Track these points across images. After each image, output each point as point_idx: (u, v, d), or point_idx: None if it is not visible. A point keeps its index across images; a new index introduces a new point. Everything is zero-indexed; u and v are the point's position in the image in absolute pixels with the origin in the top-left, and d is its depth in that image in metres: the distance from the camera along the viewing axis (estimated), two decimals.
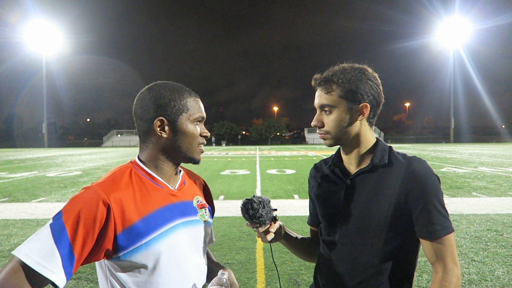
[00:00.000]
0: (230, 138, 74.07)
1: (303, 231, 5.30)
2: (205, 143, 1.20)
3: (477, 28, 69.81)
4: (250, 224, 1.25)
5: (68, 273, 0.92)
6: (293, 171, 14.00)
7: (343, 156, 1.31)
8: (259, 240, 4.89)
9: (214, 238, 1.35)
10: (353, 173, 1.27)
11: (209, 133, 1.21)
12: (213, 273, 1.25)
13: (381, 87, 1.25)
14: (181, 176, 1.23)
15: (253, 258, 4.26)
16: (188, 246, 1.14)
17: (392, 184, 1.19)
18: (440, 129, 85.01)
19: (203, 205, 1.24)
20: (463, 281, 3.55)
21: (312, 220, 1.47)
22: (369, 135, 1.27)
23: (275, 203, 1.26)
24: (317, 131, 1.29)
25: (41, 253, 0.90)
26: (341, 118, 1.22)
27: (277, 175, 12.79)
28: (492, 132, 72.24)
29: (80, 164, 19.18)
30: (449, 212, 1.17)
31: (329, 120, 1.24)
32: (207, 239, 1.25)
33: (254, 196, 1.25)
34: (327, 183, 1.34)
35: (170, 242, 1.07)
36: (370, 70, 1.24)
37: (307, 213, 1.53)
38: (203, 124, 1.21)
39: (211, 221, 1.29)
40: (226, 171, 14.36)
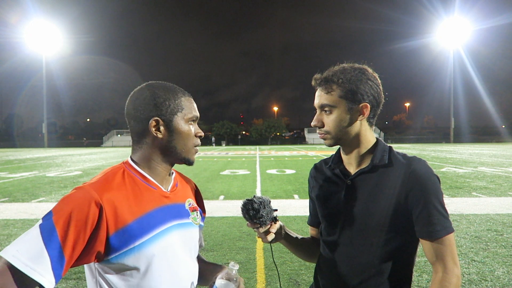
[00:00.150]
0: (230, 138, 74.07)
1: (303, 231, 5.30)
2: (199, 143, 1.18)
3: (477, 28, 69.89)
4: (251, 225, 1.24)
5: (57, 276, 0.89)
6: (293, 171, 14.00)
7: (343, 156, 1.32)
8: (259, 240, 4.89)
9: (203, 243, 1.32)
10: (353, 174, 1.27)
11: (203, 133, 1.20)
12: (207, 273, 1.24)
13: (381, 87, 1.25)
14: (173, 178, 1.21)
15: (253, 258, 4.26)
16: (181, 249, 1.12)
17: (392, 184, 1.19)
18: (440, 129, 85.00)
19: (194, 208, 1.23)
20: (463, 281, 3.55)
21: (312, 221, 1.48)
22: (369, 135, 1.27)
23: (275, 203, 1.26)
24: (317, 131, 1.29)
25: (29, 255, 0.87)
26: (341, 118, 1.22)
27: (277, 175, 12.79)
28: (492, 132, 72.22)
29: (80, 164, 19.18)
30: (449, 212, 1.18)
31: (329, 120, 1.24)
32: (198, 242, 1.24)
33: (254, 197, 1.25)
34: (327, 184, 1.33)
35: (163, 245, 1.05)
36: (370, 70, 1.24)
37: (307, 213, 1.53)
38: (197, 124, 1.19)
39: (202, 225, 1.27)
40: (226, 171, 14.36)
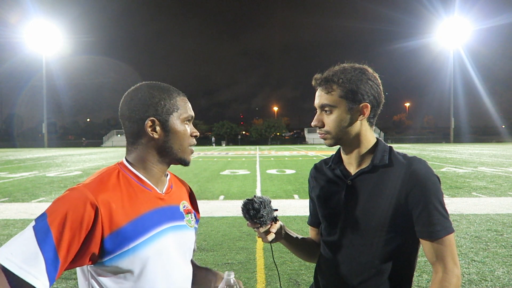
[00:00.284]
0: (230, 138, 74.08)
1: (303, 231, 5.30)
2: (195, 143, 1.18)
3: (477, 28, 69.92)
4: (251, 225, 1.24)
5: (52, 278, 0.88)
6: (293, 171, 14.00)
7: (343, 156, 1.31)
8: (259, 240, 4.89)
9: (196, 246, 1.31)
10: (353, 174, 1.27)
11: (198, 133, 1.19)
12: (199, 278, 1.23)
13: (381, 87, 1.25)
14: (168, 180, 1.20)
15: (253, 258, 4.26)
16: (175, 251, 1.10)
17: (393, 184, 1.19)
18: (440, 129, 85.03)
19: (189, 211, 1.21)
20: (463, 281, 3.55)
21: (312, 221, 1.47)
22: (370, 135, 1.27)
23: (275, 203, 1.26)
24: (317, 131, 1.29)
25: (23, 257, 0.85)
26: (341, 118, 1.22)
27: (277, 175, 12.79)
28: (492, 132, 72.24)
29: (80, 164, 19.19)
30: (449, 212, 1.18)
31: (330, 120, 1.23)
32: (193, 245, 1.22)
33: (255, 196, 1.24)
34: (327, 184, 1.33)
35: (157, 247, 1.04)
36: (370, 70, 1.24)
37: (307, 213, 1.53)
38: (192, 124, 1.18)
39: (197, 227, 1.26)
40: (226, 171, 14.36)
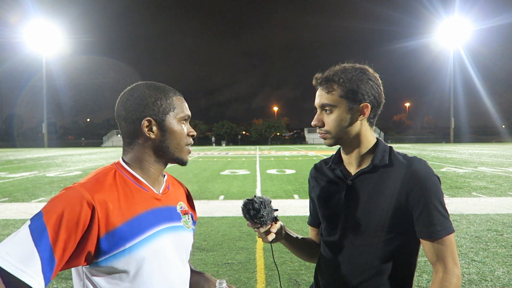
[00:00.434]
0: (230, 138, 74.08)
1: (303, 231, 5.30)
2: (192, 142, 1.17)
3: (477, 28, 69.93)
4: (251, 225, 1.24)
5: (47, 278, 0.87)
6: (293, 171, 14.00)
7: (344, 156, 1.31)
8: (259, 240, 4.89)
9: (192, 248, 1.29)
10: (353, 174, 1.27)
11: (195, 132, 1.18)
12: (191, 282, 1.21)
13: (381, 87, 1.25)
14: (165, 181, 1.19)
15: (253, 258, 4.26)
16: (172, 252, 1.09)
17: (393, 184, 1.18)
18: (440, 129, 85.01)
19: (186, 212, 1.21)
20: (463, 281, 3.55)
21: (312, 221, 1.47)
22: (370, 135, 1.27)
23: (275, 203, 1.26)
24: (318, 130, 1.29)
25: (19, 256, 0.85)
26: (341, 117, 1.22)
27: (277, 175, 12.79)
28: (492, 132, 72.26)
29: (80, 164, 19.19)
30: (449, 212, 1.17)
31: (330, 120, 1.23)
32: (190, 247, 1.21)
33: (255, 196, 1.24)
34: (327, 184, 1.33)
35: (154, 248, 1.03)
36: (371, 70, 1.24)
37: (307, 213, 1.53)
38: (193, 118, 1.18)
39: (194, 229, 1.26)
40: (226, 171, 14.36)
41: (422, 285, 3.45)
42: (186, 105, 1.17)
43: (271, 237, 1.26)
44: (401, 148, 28.24)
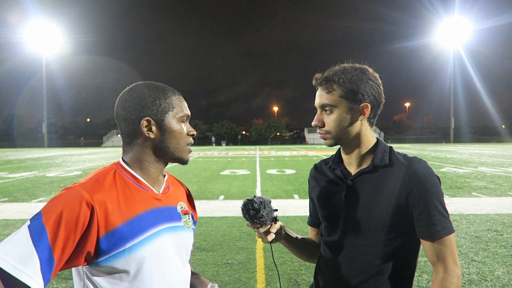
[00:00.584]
0: (230, 138, 74.08)
1: (303, 231, 5.30)
2: (192, 142, 1.17)
3: (477, 28, 69.95)
4: (251, 225, 1.24)
5: (46, 278, 0.87)
6: (293, 171, 14.00)
7: (344, 156, 1.31)
8: (259, 240, 4.89)
9: (193, 247, 1.29)
10: (353, 174, 1.27)
11: (195, 132, 1.18)
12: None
13: (381, 87, 1.25)
14: (165, 181, 1.19)
15: (253, 258, 4.26)
16: (172, 252, 1.09)
17: (393, 184, 1.18)
18: (440, 129, 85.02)
19: (186, 211, 1.20)
20: (463, 281, 3.55)
21: (312, 221, 1.47)
22: (370, 135, 1.27)
23: (275, 203, 1.25)
24: (318, 130, 1.29)
25: (18, 256, 0.85)
26: (341, 118, 1.22)
27: (277, 175, 12.79)
28: (492, 132, 72.24)
29: (80, 164, 19.19)
30: (449, 212, 1.17)
31: (330, 120, 1.23)
32: (190, 247, 1.21)
33: (255, 197, 1.24)
34: (327, 184, 1.33)
35: (153, 248, 1.03)
36: (370, 70, 1.24)
37: (307, 213, 1.52)
38: (193, 119, 1.17)
39: (194, 229, 1.25)
40: (226, 171, 14.36)
41: (422, 285, 3.45)
42: (186, 104, 1.17)
43: (270, 237, 1.26)
44: (401, 148, 28.24)
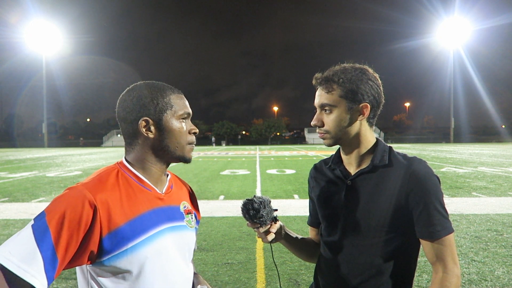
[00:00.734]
0: (230, 138, 74.07)
1: (303, 231, 5.30)
2: (194, 140, 1.16)
3: (477, 28, 69.96)
4: (251, 225, 1.24)
5: (50, 278, 0.87)
6: (293, 171, 13.99)
7: (343, 157, 1.31)
8: (259, 240, 4.89)
9: (196, 246, 1.30)
10: (353, 174, 1.27)
11: (197, 129, 1.17)
12: None
13: (381, 87, 1.25)
14: (168, 180, 1.19)
15: (253, 258, 4.26)
16: (174, 252, 1.10)
17: (393, 184, 1.18)
18: (440, 129, 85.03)
19: (189, 211, 1.21)
20: (463, 281, 3.55)
21: (312, 221, 1.47)
22: (369, 135, 1.27)
23: (275, 203, 1.26)
24: (317, 130, 1.29)
25: (21, 256, 0.85)
26: (341, 118, 1.22)
27: (277, 175, 12.79)
28: (492, 132, 72.25)
29: (80, 164, 19.19)
30: (449, 212, 1.17)
31: (329, 120, 1.23)
32: (193, 246, 1.22)
33: (254, 196, 1.24)
34: (327, 184, 1.33)
35: (156, 248, 1.03)
36: (370, 71, 1.24)
37: (307, 213, 1.53)
38: (191, 121, 1.16)
39: (197, 228, 1.26)
40: (226, 171, 14.35)
41: (422, 285, 3.45)
42: (186, 102, 1.16)
43: (270, 237, 1.26)
44: (401, 148, 28.25)
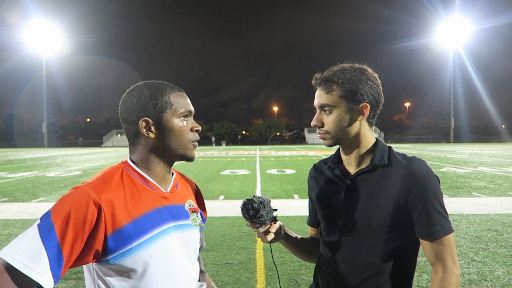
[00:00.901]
0: (230, 138, 74.07)
1: (303, 231, 5.30)
2: (197, 138, 1.15)
3: (477, 28, 69.94)
4: (251, 224, 1.24)
5: (56, 276, 0.88)
6: (293, 171, 13.99)
7: (343, 157, 1.31)
8: (259, 240, 4.89)
9: (204, 244, 1.31)
10: (353, 174, 1.27)
11: (200, 127, 1.16)
12: None
13: (381, 87, 1.25)
14: (173, 179, 1.19)
15: (253, 258, 4.26)
16: (179, 250, 1.10)
17: (392, 184, 1.18)
18: (440, 129, 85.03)
19: (195, 209, 1.21)
20: (463, 281, 3.55)
21: (312, 221, 1.47)
22: (369, 135, 1.27)
23: (275, 203, 1.25)
24: (317, 130, 1.29)
25: (27, 254, 0.86)
26: (341, 118, 1.22)
27: (277, 175, 12.79)
28: (492, 132, 72.23)
29: (80, 164, 19.18)
30: (449, 212, 1.17)
31: (329, 120, 1.23)
32: (198, 244, 1.22)
33: (254, 196, 1.24)
34: (327, 184, 1.33)
35: (160, 246, 1.04)
36: (370, 71, 1.24)
37: (307, 213, 1.53)
38: (193, 119, 1.16)
39: (203, 226, 1.26)
40: (226, 171, 14.35)
41: (422, 285, 3.45)
42: (188, 100, 1.15)
43: (270, 237, 1.26)
44: (401, 148, 28.25)
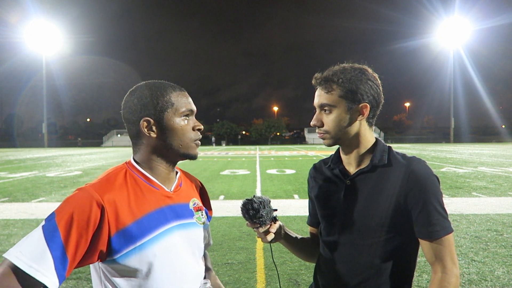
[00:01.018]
0: (230, 138, 74.08)
1: (303, 231, 5.30)
2: (199, 137, 1.16)
3: (477, 28, 69.90)
4: (251, 225, 1.24)
5: (61, 276, 0.89)
6: (293, 171, 13.99)
7: (343, 156, 1.31)
8: (259, 240, 4.89)
9: (212, 241, 1.32)
10: (352, 174, 1.27)
11: (202, 126, 1.16)
12: None
13: (381, 87, 1.25)
14: (177, 178, 1.20)
15: (253, 258, 4.26)
16: (184, 249, 1.11)
17: (392, 184, 1.19)
18: (440, 129, 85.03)
19: (199, 208, 1.21)
20: (463, 281, 3.55)
21: (312, 221, 1.48)
22: (369, 135, 1.27)
23: (275, 203, 1.25)
24: (317, 130, 1.29)
25: (32, 255, 0.87)
26: (340, 118, 1.22)
27: (277, 175, 12.79)
28: (492, 132, 72.24)
29: (80, 164, 19.18)
30: (449, 212, 1.18)
31: (329, 120, 1.23)
32: (203, 243, 1.23)
33: (254, 196, 1.24)
34: (326, 184, 1.33)
35: (164, 246, 1.05)
36: (370, 71, 1.24)
37: (307, 213, 1.53)
38: (195, 118, 1.16)
39: (208, 224, 1.26)
40: (226, 171, 14.35)
41: (422, 285, 3.45)
42: (189, 99, 1.16)
43: (270, 237, 1.26)
44: (401, 148, 28.26)
